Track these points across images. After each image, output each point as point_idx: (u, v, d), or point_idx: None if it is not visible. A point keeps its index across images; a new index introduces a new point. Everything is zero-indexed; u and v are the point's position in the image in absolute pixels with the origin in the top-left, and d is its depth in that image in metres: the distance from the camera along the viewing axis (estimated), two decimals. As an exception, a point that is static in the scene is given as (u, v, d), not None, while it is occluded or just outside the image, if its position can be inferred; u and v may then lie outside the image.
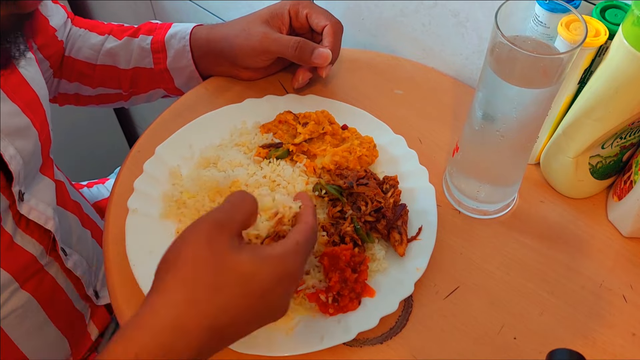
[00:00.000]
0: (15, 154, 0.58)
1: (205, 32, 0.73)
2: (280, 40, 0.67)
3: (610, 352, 0.55)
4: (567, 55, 0.48)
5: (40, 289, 0.66)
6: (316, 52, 0.66)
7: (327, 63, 0.67)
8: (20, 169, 0.59)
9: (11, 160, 0.57)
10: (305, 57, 0.67)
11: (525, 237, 0.62)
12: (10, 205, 0.60)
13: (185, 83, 0.77)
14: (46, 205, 0.64)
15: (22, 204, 0.61)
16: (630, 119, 0.56)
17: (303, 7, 0.70)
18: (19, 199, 0.60)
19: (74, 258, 0.71)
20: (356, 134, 0.67)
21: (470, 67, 0.76)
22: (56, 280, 0.68)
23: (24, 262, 0.63)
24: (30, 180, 0.63)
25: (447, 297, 0.57)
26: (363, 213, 0.58)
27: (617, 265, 0.60)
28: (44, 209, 0.64)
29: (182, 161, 0.64)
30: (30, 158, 0.61)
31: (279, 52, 0.68)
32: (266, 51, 0.68)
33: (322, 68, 0.68)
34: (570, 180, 0.63)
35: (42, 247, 0.65)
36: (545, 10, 0.53)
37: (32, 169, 0.63)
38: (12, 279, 0.62)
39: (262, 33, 0.68)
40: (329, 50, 0.67)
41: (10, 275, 0.61)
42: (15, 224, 0.61)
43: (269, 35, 0.68)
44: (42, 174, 0.66)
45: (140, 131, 0.78)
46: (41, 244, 0.65)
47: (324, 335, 0.53)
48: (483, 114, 0.56)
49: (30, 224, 0.63)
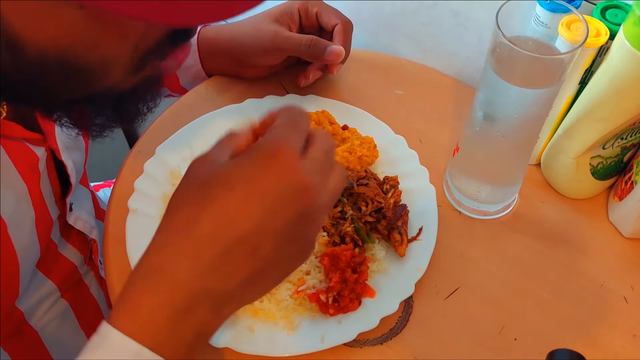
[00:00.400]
0: (73, 166, 0.58)
1: (213, 32, 0.73)
2: (292, 39, 0.67)
3: (610, 352, 0.54)
4: (568, 56, 0.48)
5: (77, 298, 0.66)
6: (329, 49, 0.66)
7: (340, 60, 0.67)
8: (74, 180, 0.59)
9: (72, 172, 0.58)
10: (318, 54, 0.66)
11: (526, 237, 0.62)
12: (59, 216, 0.60)
13: (190, 82, 0.76)
14: (89, 214, 0.65)
15: (70, 214, 0.61)
16: (631, 120, 0.56)
17: (312, 6, 0.69)
18: (69, 209, 0.60)
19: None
20: (356, 134, 0.67)
21: (470, 67, 0.76)
22: (89, 290, 0.68)
23: (67, 270, 0.63)
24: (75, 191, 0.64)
25: (448, 298, 0.57)
26: (363, 213, 0.58)
27: (618, 266, 0.60)
28: (88, 218, 0.64)
29: (183, 161, 0.64)
30: (80, 169, 0.62)
31: (291, 50, 0.68)
32: (277, 49, 0.68)
33: (333, 65, 0.68)
34: (571, 180, 0.63)
35: (82, 257, 0.65)
36: (546, 10, 0.52)
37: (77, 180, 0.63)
38: (56, 287, 0.62)
39: (273, 31, 0.67)
40: (341, 47, 0.66)
41: (55, 284, 0.62)
42: (60, 234, 0.62)
43: (280, 33, 0.67)
44: (80, 184, 0.66)
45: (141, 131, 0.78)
46: (82, 254, 0.65)
47: (324, 336, 0.52)
48: (484, 114, 0.56)
49: (72, 233, 0.63)
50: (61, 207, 0.60)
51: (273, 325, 0.53)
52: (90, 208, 0.66)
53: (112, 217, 0.60)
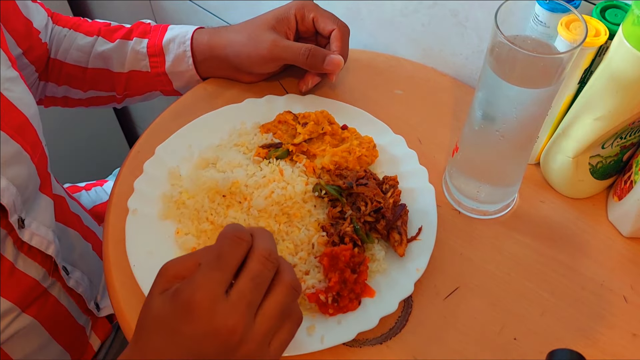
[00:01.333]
0: (8, 184, 0.56)
1: (207, 38, 0.72)
2: (291, 48, 0.66)
3: (610, 352, 0.54)
4: (567, 55, 0.48)
5: (44, 311, 0.65)
6: (328, 59, 0.66)
7: (339, 69, 0.67)
8: (14, 198, 0.57)
9: (4, 193, 0.56)
10: (317, 64, 0.66)
11: (526, 237, 0.62)
12: (9, 233, 0.59)
13: (183, 86, 0.76)
14: (47, 228, 0.63)
15: (23, 231, 0.60)
16: (631, 119, 0.56)
17: (309, 11, 0.69)
18: (18, 227, 0.59)
19: (75, 276, 0.70)
20: (356, 134, 0.67)
21: (470, 67, 0.76)
22: (58, 300, 0.67)
23: (26, 287, 0.62)
24: (30, 203, 0.62)
25: (447, 298, 0.57)
26: (363, 213, 0.58)
27: (618, 265, 0.60)
28: (45, 233, 0.63)
29: (182, 161, 0.64)
30: (27, 182, 0.60)
31: (289, 59, 0.67)
32: (276, 59, 0.68)
33: (332, 73, 0.68)
34: (571, 180, 0.63)
35: (44, 270, 0.64)
36: (545, 10, 0.52)
37: (30, 192, 0.62)
38: (14, 306, 0.60)
39: (271, 41, 0.67)
40: (340, 57, 0.66)
41: (12, 303, 0.60)
42: (17, 249, 0.60)
43: (278, 42, 0.67)
44: (41, 193, 0.65)
45: (140, 131, 0.78)
46: (43, 267, 0.64)
47: (323, 336, 0.52)
48: (483, 114, 0.56)
49: (32, 248, 0.62)
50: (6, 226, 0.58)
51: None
52: (49, 220, 0.65)
53: (112, 217, 0.60)
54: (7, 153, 0.57)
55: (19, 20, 0.69)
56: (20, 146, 0.58)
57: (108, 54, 0.75)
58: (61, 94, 0.80)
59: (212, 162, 0.63)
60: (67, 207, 0.75)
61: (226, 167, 0.62)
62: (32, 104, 0.63)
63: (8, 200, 0.57)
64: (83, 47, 0.75)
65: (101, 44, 0.75)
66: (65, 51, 0.76)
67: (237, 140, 0.66)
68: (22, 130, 0.59)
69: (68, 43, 0.76)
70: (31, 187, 0.62)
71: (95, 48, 0.75)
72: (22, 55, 0.71)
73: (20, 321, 0.62)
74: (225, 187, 0.59)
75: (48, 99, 0.82)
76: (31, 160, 0.60)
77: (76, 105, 0.83)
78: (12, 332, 0.62)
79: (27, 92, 0.63)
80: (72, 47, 0.76)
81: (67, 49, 0.76)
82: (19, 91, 0.61)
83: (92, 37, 0.76)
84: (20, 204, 0.59)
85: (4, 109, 0.57)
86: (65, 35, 0.77)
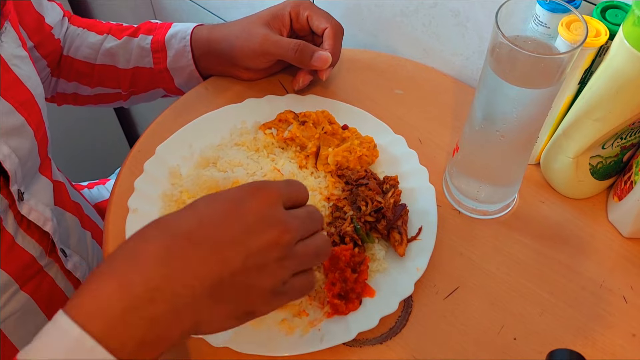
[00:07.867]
0: (10, 152, 0.58)
1: (206, 32, 0.73)
2: (280, 43, 0.67)
3: (610, 352, 0.55)
4: (567, 56, 0.48)
5: (40, 290, 0.66)
6: (316, 55, 0.66)
7: (327, 66, 0.67)
8: (16, 167, 0.58)
9: (5, 159, 0.57)
10: (305, 60, 0.67)
11: (526, 237, 0.62)
12: (10, 205, 0.60)
13: (185, 83, 0.77)
14: (44, 206, 0.64)
15: (22, 204, 0.61)
16: (631, 119, 0.56)
17: (304, 9, 0.70)
18: (18, 199, 0.60)
19: (74, 259, 0.71)
20: (356, 134, 0.67)
21: (470, 67, 0.76)
22: (55, 282, 0.68)
23: (24, 262, 0.63)
24: (29, 180, 0.63)
25: (447, 298, 0.57)
26: (363, 213, 0.58)
27: (617, 265, 0.60)
28: (43, 209, 0.64)
29: (182, 161, 0.64)
30: (28, 157, 0.61)
31: (278, 54, 0.68)
32: (266, 53, 0.68)
33: (322, 71, 0.68)
34: (571, 180, 0.63)
35: (41, 248, 0.65)
36: (546, 10, 0.53)
37: (30, 168, 0.63)
38: (12, 280, 0.62)
39: (262, 35, 0.68)
40: (328, 54, 0.67)
41: (11, 277, 0.61)
42: (17, 224, 0.61)
43: (269, 37, 0.68)
44: (40, 174, 0.66)
45: (141, 131, 0.78)
46: (41, 245, 0.65)
47: (323, 336, 0.53)
48: (483, 114, 0.56)
49: (31, 224, 0.63)
50: (7, 196, 0.60)
51: (273, 325, 0.53)
52: (48, 200, 0.66)
53: (112, 216, 0.60)
54: (11, 124, 0.58)
55: (30, 14, 0.71)
56: (25, 120, 0.60)
57: (115, 51, 0.77)
58: (71, 91, 0.82)
59: (213, 161, 0.63)
60: (67, 194, 0.76)
61: (227, 166, 0.62)
62: (39, 84, 0.65)
63: (10, 167, 0.58)
64: (93, 44, 0.78)
65: (109, 41, 0.77)
66: (77, 48, 0.78)
67: (238, 139, 0.66)
68: (27, 105, 0.61)
69: (80, 41, 0.79)
70: (31, 163, 0.63)
71: (103, 45, 0.77)
72: (34, 49, 0.73)
73: (17, 299, 0.63)
74: (225, 187, 0.59)
75: (59, 96, 0.84)
76: (34, 137, 0.62)
77: (86, 103, 0.84)
78: (11, 311, 0.62)
79: (35, 73, 0.64)
80: (83, 45, 0.78)
81: (79, 47, 0.78)
82: (27, 70, 0.62)
83: (102, 35, 0.78)
84: (21, 176, 0.60)
85: (11, 82, 0.59)
86: (78, 34, 0.79)
